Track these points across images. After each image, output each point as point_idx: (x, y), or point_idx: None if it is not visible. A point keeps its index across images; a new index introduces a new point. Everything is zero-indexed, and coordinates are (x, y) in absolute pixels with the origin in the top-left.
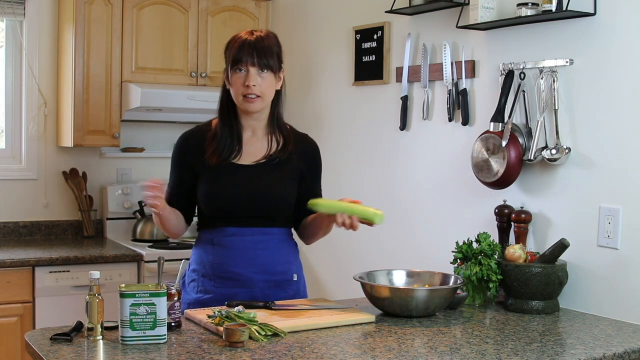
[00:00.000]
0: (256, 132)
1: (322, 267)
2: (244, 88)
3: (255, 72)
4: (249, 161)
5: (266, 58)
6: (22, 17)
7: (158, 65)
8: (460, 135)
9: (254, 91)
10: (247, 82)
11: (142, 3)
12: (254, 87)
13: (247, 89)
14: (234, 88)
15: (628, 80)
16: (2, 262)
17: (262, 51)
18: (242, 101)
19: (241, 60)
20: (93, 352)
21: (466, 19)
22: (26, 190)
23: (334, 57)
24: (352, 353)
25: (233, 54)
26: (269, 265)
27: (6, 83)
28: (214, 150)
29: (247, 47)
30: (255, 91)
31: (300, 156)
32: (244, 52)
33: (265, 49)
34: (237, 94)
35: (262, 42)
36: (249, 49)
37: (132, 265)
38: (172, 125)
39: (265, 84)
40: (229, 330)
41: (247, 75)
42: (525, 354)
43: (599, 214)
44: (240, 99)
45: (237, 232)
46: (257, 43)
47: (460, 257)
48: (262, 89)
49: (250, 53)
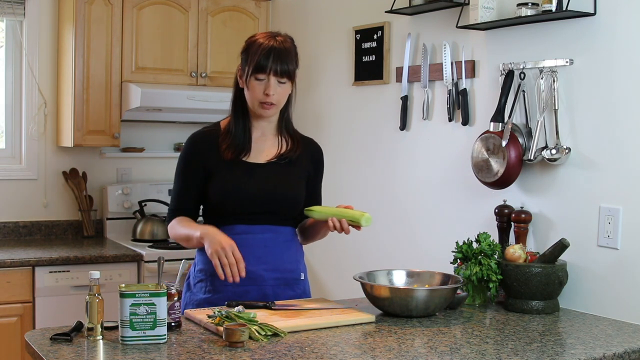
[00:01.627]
0: (265, 132)
1: (322, 267)
2: (263, 96)
3: (275, 82)
4: (261, 159)
5: (288, 66)
6: (22, 17)
7: (158, 65)
8: (460, 135)
9: (272, 100)
10: (266, 91)
11: (142, 3)
12: (273, 96)
13: (265, 97)
14: (251, 94)
15: (628, 80)
16: (2, 262)
17: (286, 59)
18: (258, 107)
19: (264, 68)
20: (93, 352)
21: (466, 19)
22: (26, 190)
23: (334, 57)
24: (352, 353)
25: (257, 60)
26: (278, 263)
27: (6, 83)
28: (229, 145)
29: (272, 55)
30: (273, 100)
31: (308, 158)
32: (269, 60)
33: (288, 57)
34: (254, 100)
35: (285, 50)
36: (273, 57)
37: (132, 265)
38: (172, 125)
39: (282, 93)
40: (229, 330)
41: (267, 84)
42: (525, 354)
43: (599, 214)
44: (257, 105)
45: (247, 229)
46: (282, 52)
47: (460, 257)
48: (279, 97)
49: (275, 61)
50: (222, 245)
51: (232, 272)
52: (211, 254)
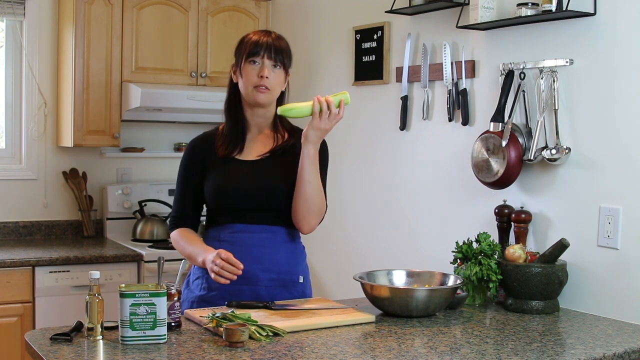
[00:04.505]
0: (262, 130)
1: (322, 267)
2: (257, 79)
3: (270, 65)
4: (253, 156)
5: (281, 55)
6: (22, 17)
7: (158, 65)
8: (460, 135)
9: (266, 83)
10: (261, 72)
11: (142, 3)
12: (267, 79)
13: (260, 80)
14: (245, 79)
15: (628, 80)
16: (2, 262)
17: (279, 49)
18: (252, 91)
19: (258, 53)
20: (93, 352)
21: (466, 19)
22: (26, 190)
23: (334, 57)
24: (352, 353)
25: (250, 48)
26: (274, 264)
27: (6, 83)
28: (222, 142)
29: (265, 43)
30: (267, 83)
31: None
32: (261, 47)
33: (281, 48)
34: (248, 85)
35: (278, 41)
36: (266, 45)
37: (132, 265)
38: (172, 125)
39: (276, 79)
40: (229, 330)
41: (261, 66)
42: (525, 354)
43: (599, 214)
44: (251, 89)
45: (244, 228)
46: (274, 42)
47: (460, 257)
48: (273, 83)
49: (267, 48)
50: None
51: (229, 273)
52: (214, 278)
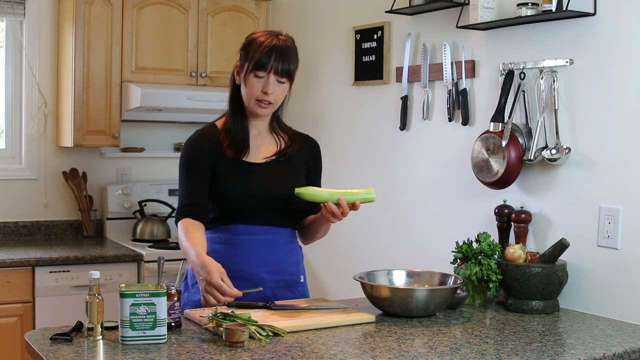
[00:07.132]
0: (261, 131)
1: (322, 267)
2: (261, 93)
3: (275, 81)
4: (259, 159)
5: (289, 66)
6: (22, 17)
7: (158, 65)
8: (460, 135)
9: (269, 98)
10: (265, 89)
11: (142, 3)
12: (271, 95)
13: (263, 96)
14: (249, 90)
15: (628, 80)
16: (2, 262)
17: (287, 59)
18: (254, 105)
19: (265, 66)
20: (93, 352)
21: (466, 19)
22: (26, 190)
23: (334, 57)
24: (352, 353)
25: (259, 58)
26: (278, 265)
27: (6, 83)
28: (229, 143)
29: (275, 53)
30: (270, 99)
31: (306, 154)
32: (271, 58)
33: (290, 56)
34: (251, 96)
35: (287, 49)
36: (275, 55)
37: (132, 265)
38: (172, 125)
39: (280, 93)
40: (229, 330)
41: (266, 82)
42: (525, 354)
43: (599, 214)
44: (253, 102)
45: (249, 230)
46: (284, 50)
47: (460, 257)
48: (276, 97)
49: (276, 59)
50: (210, 283)
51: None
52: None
